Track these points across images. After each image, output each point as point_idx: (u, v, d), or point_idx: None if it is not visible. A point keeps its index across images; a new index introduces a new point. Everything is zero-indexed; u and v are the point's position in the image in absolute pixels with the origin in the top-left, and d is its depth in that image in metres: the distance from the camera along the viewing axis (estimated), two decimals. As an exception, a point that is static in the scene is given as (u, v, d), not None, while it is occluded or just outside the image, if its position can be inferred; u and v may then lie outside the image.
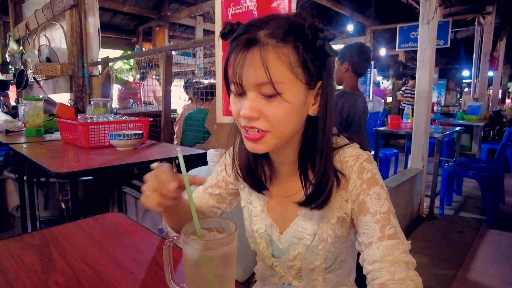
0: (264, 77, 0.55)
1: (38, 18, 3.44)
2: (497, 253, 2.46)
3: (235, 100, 0.62)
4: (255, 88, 0.57)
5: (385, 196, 0.61)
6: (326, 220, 0.66)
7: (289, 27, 0.56)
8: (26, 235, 0.84)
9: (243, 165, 0.72)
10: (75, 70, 3.08)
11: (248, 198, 0.77)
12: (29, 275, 0.65)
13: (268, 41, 0.55)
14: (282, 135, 0.60)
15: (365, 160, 0.63)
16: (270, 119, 0.58)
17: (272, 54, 0.55)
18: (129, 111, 3.28)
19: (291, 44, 0.56)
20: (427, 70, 2.93)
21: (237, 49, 0.57)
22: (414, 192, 2.95)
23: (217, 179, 0.82)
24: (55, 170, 1.28)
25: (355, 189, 0.62)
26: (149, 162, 1.54)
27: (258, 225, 0.74)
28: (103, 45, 3.39)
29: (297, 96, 0.58)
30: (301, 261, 0.69)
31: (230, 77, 0.60)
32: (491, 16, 5.72)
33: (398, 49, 6.32)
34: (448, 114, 6.56)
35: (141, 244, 0.79)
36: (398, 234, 0.58)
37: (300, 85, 0.58)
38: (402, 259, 0.56)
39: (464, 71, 12.07)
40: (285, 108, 0.57)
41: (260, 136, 0.59)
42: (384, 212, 0.59)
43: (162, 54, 2.37)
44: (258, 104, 0.58)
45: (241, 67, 0.57)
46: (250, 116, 0.58)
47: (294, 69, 0.56)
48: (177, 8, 7.26)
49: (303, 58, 0.57)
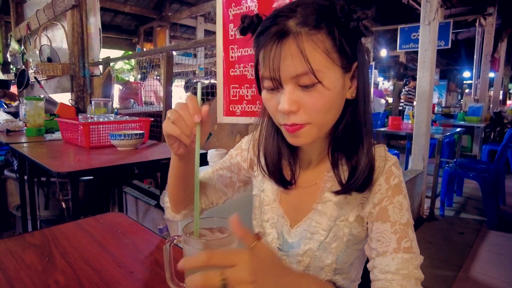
0: (303, 67, 0.53)
1: (40, 18, 3.45)
2: (497, 254, 2.46)
3: (270, 97, 0.59)
4: (292, 80, 0.55)
5: (406, 207, 0.61)
6: (343, 218, 0.64)
7: (319, 13, 0.54)
8: (26, 234, 0.84)
9: (272, 161, 0.69)
10: (76, 70, 3.09)
11: (261, 186, 0.75)
12: (30, 274, 0.65)
13: (301, 30, 0.53)
14: (323, 125, 0.59)
15: (393, 164, 0.62)
16: (310, 110, 0.56)
17: (307, 42, 0.53)
18: (130, 111, 3.28)
19: (325, 30, 0.54)
20: (427, 71, 2.93)
21: (268, 43, 0.55)
22: (414, 193, 2.95)
23: (231, 162, 0.79)
24: (56, 170, 1.28)
25: (380, 192, 0.61)
26: (149, 162, 1.54)
27: (270, 215, 0.72)
28: (104, 45, 3.40)
29: (336, 82, 0.56)
30: (310, 258, 0.66)
31: (264, 72, 0.58)
32: (492, 17, 5.72)
33: (399, 50, 6.33)
34: (449, 115, 6.56)
35: (142, 244, 0.79)
36: (413, 248, 0.58)
37: (337, 69, 0.56)
38: (414, 274, 0.56)
39: (465, 72, 12.07)
40: (325, 97, 0.55)
41: (299, 127, 0.57)
42: (404, 224, 0.59)
43: (163, 54, 2.37)
44: (296, 96, 0.56)
45: (277, 60, 0.54)
46: (290, 110, 0.56)
47: (331, 55, 0.55)
48: (178, 9, 7.27)
49: (339, 43, 0.55)
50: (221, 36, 1.58)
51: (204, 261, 0.39)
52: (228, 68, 1.59)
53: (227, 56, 1.58)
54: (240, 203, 0.87)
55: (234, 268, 0.38)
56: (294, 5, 0.56)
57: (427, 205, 3.17)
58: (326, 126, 0.60)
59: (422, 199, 3.13)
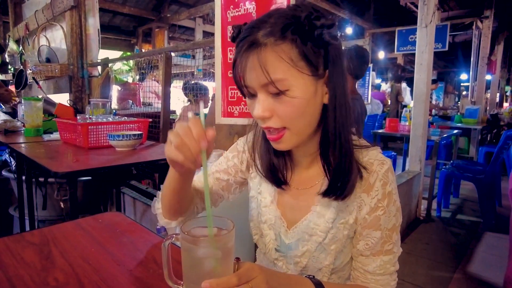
0: (264, 78, 0.55)
1: (38, 19, 3.45)
2: (493, 255, 2.48)
3: (250, 102, 0.62)
4: (263, 89, 0.58)
5: (394, 212, 0.64)
6: (343, 221, 0.65)
7: (285, 22, 0.56)
8: (26, 233, 0.85)
9: (265, 162, 0.71)
10: (74, 70, 3.09)
11: (258, 188, 0.76)
12: (29, 272, 0.66)
13: (266, 41, 0.55)
14: (300, 131, 0.61)
15: (389, 168, 0.64)
16: (282, 116, 0.58)
17: (270, 53, 0.55)
18: (128, 112, 3.29)
19: (289, 39, 0.55)
20: (425, 73, 2.95)
21: (239, 52, 0.58)
22: (411, 195, 2.96)
23: (228, 165, 0.80)
24: (54, 170, 1.28)
25: (377, 198, 0.63)
26: (147, 162, 1.55)
27: (267, 216, 0.73)
28: (102, 46, 3.40)
29: (305, 90, 0.57)
30: (308, 259, 0.68)
31: (238, 81, 0.61)
32: (489, 20, 5.76)
33: (397, 52, 6.35)
34: (446, 117, 6.59)
35: (140, 243, 0.80)
36: (394, 249, 0.64)
37: (306, 77, 0.58)
38: (389, 272, 0.65)
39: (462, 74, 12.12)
40: (295, 104, 0.57)
41: (279, 135, 0.60)
42: (389, 229, 0.64)
43: (161, 55, 2.38)
44: (268, 104, 0.58)
45: (243, 70, 0.58)
46: (262, 116, 0.58)
47: (297, 64, 0.56)
48: (176, 10, 7.28)
49: (303, 51, 0.56)
50: (219, 38, 1.59)
51: (236, 282, 0.46)
52: (226, 69, 1.60)
53: (225, 58, 1.59)
54: (235, 204, 0.88)
55: (254, 280, 0.48)
56: (268, 16, 0.58)
57: (424, 206, 3.19)
58: (304, 131, 0.62)
59: (419, 201, 3.15)
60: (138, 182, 2.53)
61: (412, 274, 2.18)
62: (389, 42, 7.54)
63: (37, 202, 2.14)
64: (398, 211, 0.65)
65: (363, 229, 0.64)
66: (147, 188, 2.32)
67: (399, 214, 0.65)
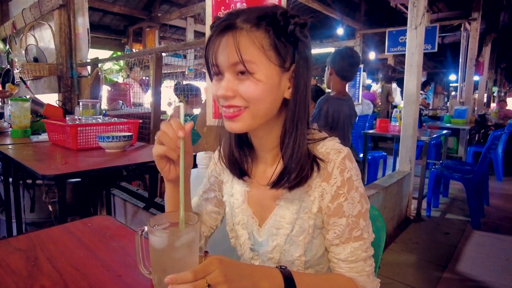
0: (236, 57, 0.59)
1: (26, 17, 3.39)
2: (481, 254, 2.52)
3: (216, 83, 0.65)
4: (230, 69, 0.61)
5: (358, 198, 0.66)
6: (307, 210, 0.67)
7: (262, 13, 0.61)
8: (11, 238, 0.83)
9: (226, 153, 0.74)
10: (63, 70, 3.05)
11: (230, 191, 0.78)
12: (15, 279, 0.64)
13: (243, 26, 0.60)
14: (257, 113, 0.63)
15: (346, 155, 0.65)
16: (244, 96, 0.61)
17: (245, 37, 0.59)
18: (119, 112, 3.25)
19: (264, 28, 0.60)
20: (414, 74, 2.99)
21: (215, 33, 0.62)
22: (402, 195, 2.99)
23: (210, 182, 0.83)
24: (42, 173, 1.26)
25: (336, 185, 0.65)
26: (138, 164, 1.53)
27: (240, 217, 0.75)
28: (92, 45, 3.35)
29: (269, 76, 0.61)
30: (280, 253, 0.70)
31: (209, 59, 0.64)
32: (477, 22, 5.85)
33: (387, 53, 6.42)
34: (436, 117, 6.69)
35: (129, 247, 0.79)
36: (363, 235, 0.66)
37: (273, 67, 0.61)
38: (362, 258, 0.66)
39: (451, 75, 12.31)
40: (258, 86, 0.61)
41: (236, 113, 0.63)
42: (355, 216, 0.65)
43: (152, 56, 2.36)
44: (233, 84, 0.61)
45: (216, 49, 0.61)
46: (226, 94, 0.61)
47: (267, 52, 0.60)
48: (168, 9, 7.23)
49: (274, 42, 0.60)
50: (210, 38, 1.58)
51: (191, 278, 0.48)
52: (217, 70, 1.59)
53: (216, 59, 1.58)
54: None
55: (211, 275, 0.49)
56: (249, 8, 0.64)
57: (414, 206, 3.23)
58: (261, 116, 0.64)
59: (409, 200, 3.18)
60: (128, 183, 2.51)
61: (402, 273, 2.20)
62: (379, 43, 7.61)
63: (25, 204, 2.10)
64: (363, 197, 0.66)
65: (329, 217, 0.66)
66: (137, 190, 2.29)
67: (364, 200, 0.66)
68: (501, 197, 3.98)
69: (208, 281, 0.49)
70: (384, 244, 0.90)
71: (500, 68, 12.06)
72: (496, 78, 11.47)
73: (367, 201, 0.68)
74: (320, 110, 1.95)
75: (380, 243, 0.88)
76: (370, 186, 2.61)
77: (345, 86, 2.10)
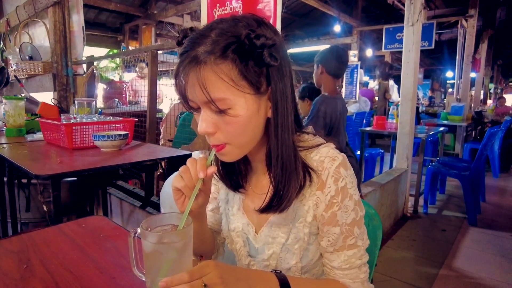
0: (204, 96, 0.55)
1: (20, 15, 3.35)
2: (477, 250, 2.53)
3: (196, 116, 0.62)
4: (205, 105, 0.57)
5: (352, 207, 0.65)
6: (301, 219, 0.67)
7: (226, 41, 0.55)
8: (4, 240, 0.82)
9: (219, 168, 0.73)
10: (58, 68, 3.02)
11: (225, 197, 0.78)
12: (6, 282, 0.63)
13: (206, 59, 0.54)
14: (242, 146, 0.62)
15: (341, 163, 0.64)
16: (225, 133, 0.59)
17: (210, 73, 0.54)
18: (115, 111, 3.23)
19: (230, 58, 0.55)
20: (411, 71, 2.99)
21: (181, 66, 0.56)
22: (399, 192, 3.00)
23: (212, 196, 0.82)
24: (36, 172, 1.25)
25: (330, 194, 0.64)
26: (133, 163, 1.52)
27: (236, 224, 0.75)
28: (88, 43, 3.32)
29: (246, 108, 0.57)
30: (276, 260, 0.70)
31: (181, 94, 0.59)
32: (473, 19, 5.86)
33: (384, 50, 6.41)
34: (432, 114, 6.70)
35: (124, 248, 0.78)
36: (357, 242, 0.65)
37: (248, 96, 0.57)
38: (356, 265, 0.65)
39: (448, 72, 12.34)
40: (237, 122, 0.57)
41: (221, 146, 0.60)
42: (349, 224, 0.65)
43: (147, 53, 2.34)
44: (211, 120, 0.58)
45: (184, 87, 0.57)
46: (206, 132, 0.59)
47: (237, 83, 0.56)
48: (164, 7, 7.17)
49: (244, 71, 0.56)
50: (206, 36, 1.57)
51: (187, 279, 0.48)
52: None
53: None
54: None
55: (207, 276, 0.49)
56: (210, 29, 0.57)
57: (411, 203, 3.24)
58: (247, 146, 0.63)
59: (406, 197, 3.19)
60: (125, 182, 2.49)
61: (399, 270, 2.20)
62: (376, 40, 7.59)
63: (20, 204, 2.08)
64: (357, 204, 0.65)
65: (323, 226, 0.65)
66: (134, 189, 2.28)
67: (359, 207, 0.65)
68: (497, 194, 4.00)
69: (205, 281, 0.49)
70: (381, 241, 0.90)
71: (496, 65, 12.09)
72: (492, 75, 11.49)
73: (362, 208, 0.67)
74: (318, 111, 1.94)
75: (377, 242, 0.87)
76: (367, 183, 2.61)
77: (336, 83, 2.10)
